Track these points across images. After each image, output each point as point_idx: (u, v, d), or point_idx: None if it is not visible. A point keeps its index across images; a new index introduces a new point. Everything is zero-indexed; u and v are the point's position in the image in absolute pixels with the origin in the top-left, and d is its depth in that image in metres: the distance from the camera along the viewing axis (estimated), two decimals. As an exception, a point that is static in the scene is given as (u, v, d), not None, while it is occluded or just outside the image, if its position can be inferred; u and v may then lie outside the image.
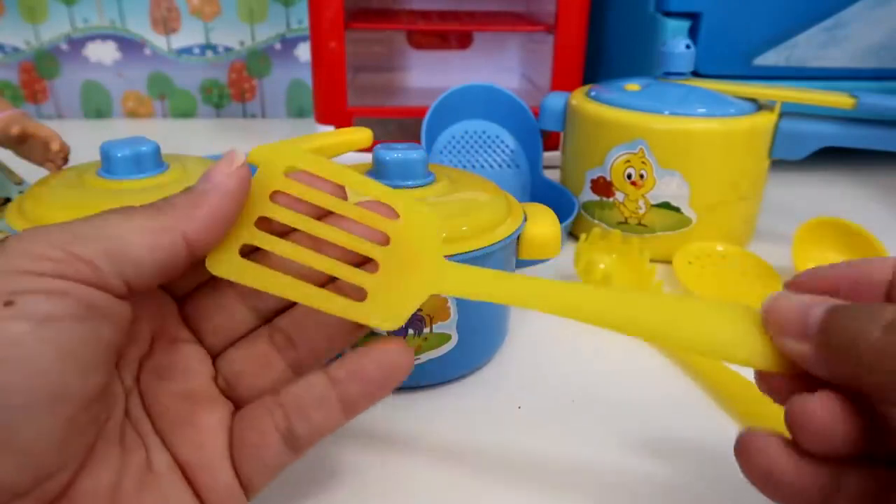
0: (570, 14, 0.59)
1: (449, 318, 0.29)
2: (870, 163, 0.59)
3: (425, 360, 0.29)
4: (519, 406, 0.29)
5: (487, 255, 0.28)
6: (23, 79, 0.76)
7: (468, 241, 0.27)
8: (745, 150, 0.42)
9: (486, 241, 0.28)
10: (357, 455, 0.26)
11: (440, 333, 0.29)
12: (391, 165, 0.30)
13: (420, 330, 0.28)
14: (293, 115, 0.81)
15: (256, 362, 0.22)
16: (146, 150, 0.30)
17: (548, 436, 0.28)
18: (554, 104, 0.48)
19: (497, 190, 0.32)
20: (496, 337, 0.33)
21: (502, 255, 0.30)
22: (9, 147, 0.41)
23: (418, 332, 0.28)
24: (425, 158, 0.30)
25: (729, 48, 0.55)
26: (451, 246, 0.27)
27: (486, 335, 0.32)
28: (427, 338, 0.29)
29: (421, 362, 0.29)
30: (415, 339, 0.28)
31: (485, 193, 0.31)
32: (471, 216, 0.28)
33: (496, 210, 0.29)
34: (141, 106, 0.78)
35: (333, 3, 0.56)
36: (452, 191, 0.30)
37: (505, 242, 0.29)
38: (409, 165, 0.30)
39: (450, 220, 0.28)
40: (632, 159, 0.42)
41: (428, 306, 0.28)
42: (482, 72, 0.75)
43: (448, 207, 0.29)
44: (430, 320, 0.28)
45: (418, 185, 0.30)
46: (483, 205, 0.30)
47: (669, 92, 0.43)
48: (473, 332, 0.30)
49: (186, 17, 0.75)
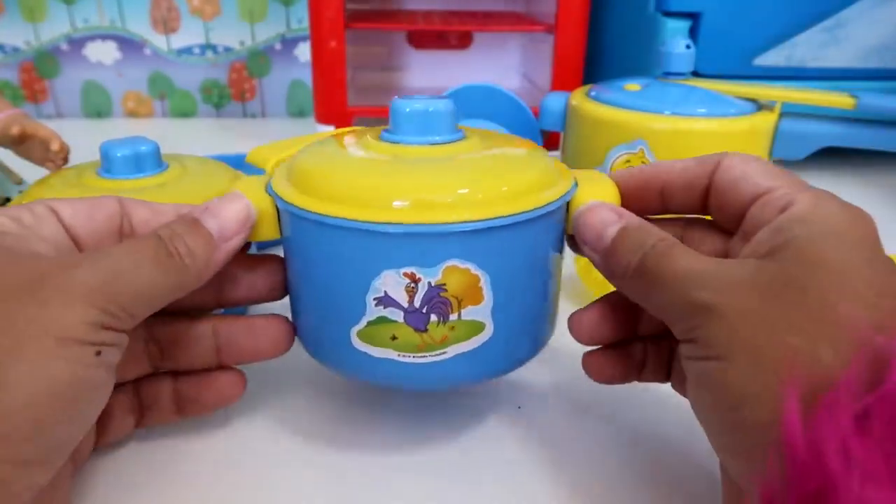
0: (570, 14, 0.59)
1: (482, 302, 0.23)
2: (870, 163, 0.59)
3: (452, 354, 0.23)
4: (519, 406, 0.29)
5: (532, 222, 0.22)
6: (23, 79, 0.76)
7: (509, 203, 0.22)
8: (745, 150, 0.42)
9: (532, 204, 0.22)
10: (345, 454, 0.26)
11: (471, 321, 0.23)
12: (412, 118, 0.24)
13: (445, 315, 0.23)
14: (293, 115, 0.81)
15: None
16: (146, 150, 0.30)
17: (548, 435, 0.28)
18: (554, 104, 0.48)
19: (539, 148, 0.26)
20: (542, 330, 0.26)
21: (551, 225, 0.24)
22: (9, 147, 0.41)
23: (443, 319, 0.23)
24: (453, 110, 0.25)
25: (729, 48, 0.55)
26: (488, 209, 0.21)
27: (529, 326, 0.25)
28: (454, 326, 0.23)
29: (447, 357, 0.23)
30: (439, 327, 0.23)
31: (525, 150, 0.25)
32: (511, 175, 0.23)
33: (541, 169, 0.24)
34: (141, 106, 0.78)
35: (333, 3, 0.56)
36: (486, 147, 0.25)
37: (554, 207, 0.23)
38: (433, 119, 0.24)
39: (485, 177, 0.22)
40: (632, 159, 0.42)
41: (456, 285, 0.22)
42: (482, 72, 0.75)
43: (482, 164, 0.24)
44: (459, 303, 0.23)
45: (444, 142, 0.24)
46: (525, 162, 0.24)
47: (669, 92, 0.43)
48: (514, 321, 0.24)
49: (186, 17, 0.75)
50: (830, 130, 0.42)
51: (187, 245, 0.21)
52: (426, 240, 0.21)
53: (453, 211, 0.21)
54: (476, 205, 0.21)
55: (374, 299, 0.22)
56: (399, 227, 0.21)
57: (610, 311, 0.25)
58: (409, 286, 0.22)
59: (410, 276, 0.22)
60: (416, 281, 0.22)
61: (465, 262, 0.22)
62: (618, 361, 0.25)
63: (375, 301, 0.22)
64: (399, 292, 0.22)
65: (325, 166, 0.23)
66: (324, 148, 0.25)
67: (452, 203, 0.21)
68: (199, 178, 0.31)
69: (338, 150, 0.25)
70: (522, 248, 0.23)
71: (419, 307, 0.22)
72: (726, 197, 0.23)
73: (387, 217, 0.21)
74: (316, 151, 0.25)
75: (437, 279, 0.22)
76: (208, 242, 0.21)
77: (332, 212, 0.21)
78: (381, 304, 0.22)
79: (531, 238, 0.23)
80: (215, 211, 0.22)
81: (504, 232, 0.22)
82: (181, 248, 0.21)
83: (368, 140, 0.25)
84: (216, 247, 0.22)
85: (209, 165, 0.33)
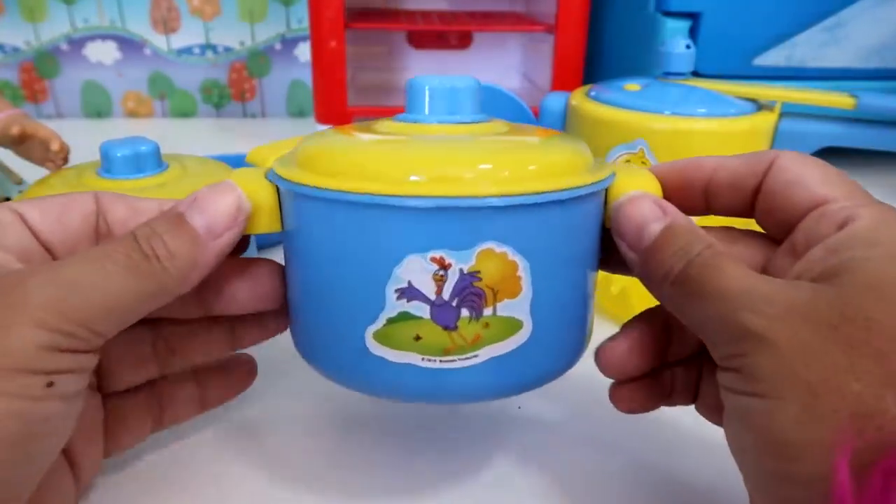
0: (570, 14, 0.59)
1: (520, 294, 0.20)
2: (870, 163, 0.59)
3: (485, 358, 0.20)
4: (519, 406, 0.29)
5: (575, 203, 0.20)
6: (23, 79, 0.76)
7: (552, 180, 0.19)
8: (746, 150, 0.41)
9: (574, 182, 0.19)
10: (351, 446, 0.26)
11: (507, 318, 0.20)
12: (432, 97, 0.22)
13: (479, 310, 0.19)
14: (293, 115, 0.81)
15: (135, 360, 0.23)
16: (146, 150, 0.30)
17: (548, 435, 0.28)
18: (554, 104, 0.48)
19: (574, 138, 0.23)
20: (581, 336, 0.23)
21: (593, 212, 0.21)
22: (9, 147, 0.41)
23: (476, 315, 0.19)
24: (476, 88, 0.23)
25: (729, 48, 0.55)
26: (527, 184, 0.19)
27: (569, 329, 0.22)
28: (489, 323, 0.19)
29: (478, 362, 0.20)
30: (471, 324, 0.19)
31: (560, 135, 0.23)
32: (541, 155, 0.20)
33: (579, 151, 0.21)
34: (141, 106, 0.78)
35: (333, 3, 0.56)
36: (514, 131, 0.23)
37: (597, 188, 0.20)
38: (455, 97, 0.22)
39: (521, 153, 0.20)
40: (632, 159, 0.42)
41: (491, 274, 0.19)
42: (482, 72, 0.75)
43: (515, 143, 0.21)
44: (494, 296, 0.19)
45: (469, 122, 0.22)
46: (558, 146, 0.21)
47: (669, 92, 0.43)
48: (553, 321, 0.21)
49: (186, 17, 0.75)
50: (830, 130, 0.42)
51: (167, 246, 0.18)
52: (458, 216, 0.18)
53: (489, 182, 0.18)
54: (513, 180, 0.19)
55: (395, 291, 0.19)
56: (427, 202, 0.18)
57: (640, 341, 0.22)
58: (438, 274, 0.19)
59: (439, 261, 0.19)
60: (446, 267, 0.19)
61: (501, 245, 0.19)
62: (647, 391, 0.23)
63: (398, 293, 0.19)
64: (426, 281, 0.19)
65: (336, 146, 0.21)
66: (330, 134, 0.22)
67: (487, 174, 0.19)
68: (199, 178, 0.31)
69: (346, 136, 0.22)
70: (563, 234, 0.20)
71: (448, 300, 0.19)
72: (776, 201, 0.20)
73: (412, 190, 0.18)
74: (322, 137, 0.22)
75: (471, 265, 0.19)
76: (194, 241, 0.19)
77: (347, 187, 0.19)
78: (403, 297, 0.19)
79: (573, 223, 0.20)
80: (203, 205, 0.19)
81: (544, 212, 0.19)
82: (160, 250, 0.18)
83: (379, 125, 0.23)
84: (203, 245, 0.19)
85: (209, 165, 0.33)
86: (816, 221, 0.19)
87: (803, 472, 0.15)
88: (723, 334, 0.17)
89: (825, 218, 0.18)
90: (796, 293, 0.17)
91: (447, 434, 0.28)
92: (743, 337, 0.16)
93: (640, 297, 0.39)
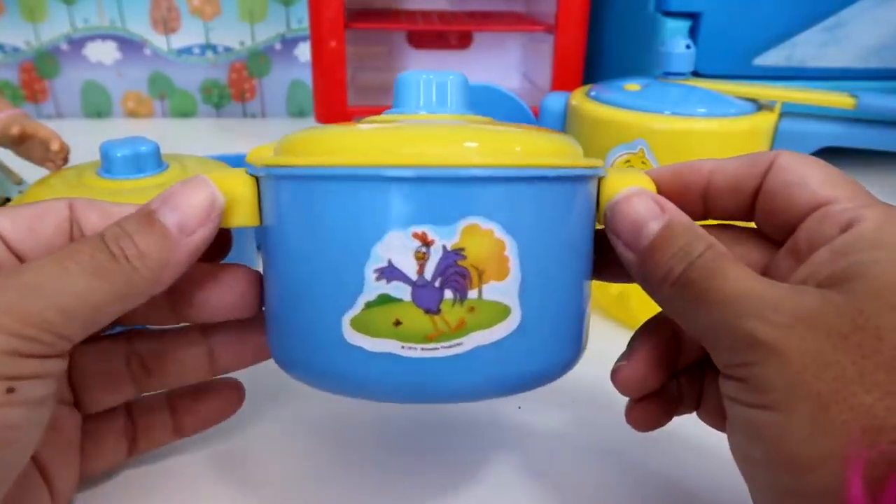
0: (570, 14, 0.59)
1: (507, 276, 0.18)
2: (870, 163, 0.59)
3: (471, 346, 0.18)
4: (519, 406, 0.29)
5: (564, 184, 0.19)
6: (23, 79, 0.76)
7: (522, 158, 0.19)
8: (745, 150, 0.41)
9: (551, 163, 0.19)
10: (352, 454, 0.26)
11: (494, 302, 0.18)
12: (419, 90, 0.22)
13: (463, 292, 0.18)
14: (293, 115, 0.81)
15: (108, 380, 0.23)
16: (146, 150, 0.30)
17: (548, 443, 0.28)
18: (554, 104, 0.48)
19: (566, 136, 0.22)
20: (577, 333, 0.21)
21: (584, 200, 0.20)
22: (9, 147, 0.41)
23: (460, 297, 0.18)
24: (464, 84, 0.22)
25: (729, 48, 0.55)
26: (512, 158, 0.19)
27: (563, 322, 0.20)
28: (474, 307, 0.18)
29: (464, 350, 0.18)
30: (455, 307, 0.18)
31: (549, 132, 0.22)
32: (528, 139, 0.20)
33: (568, 143, 0.21)
34: (141, 106, 0.78)
35: (333, 3, 0.56)
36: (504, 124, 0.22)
37: (587, 172, 0.20)
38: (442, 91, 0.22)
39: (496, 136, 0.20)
40: (632, 159, 0.42)
41: (476, 252, 0.18)
42: (482, 72, 0.75)
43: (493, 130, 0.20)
44: (480, 277, 0.18)
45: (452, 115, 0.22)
46: (547, 135, 0.21)
47: (669, 92, 0.43)
48: (545, 310, 0.19)
49: (186, 17, 0.75)
50: (830, 130, 0.42)
51: (138, 245, 0.18)
52: (441, 187, 0.18)
53: (474, 154, 0.18)
54: (498, 153, 0.18)
55: (375, 271, 0.18)
56: (409, 171, 0.17)
57: (654, 356, 0.22)
58: (420, 251, 0.18)
59: (421, 236, 0.18)
60: (429, 244, 0.18)
61: (487, 221, 0.18)
62: (659, 406, 0.22)
63: (377, 273, 0.18)
64: (407, 260, 0.18)
65: (317, 132, 0.20)
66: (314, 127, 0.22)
67: (473, 148, 0.18)
68: (199, 178, 0.31)
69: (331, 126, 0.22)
70: (553, 216, 0.19)
71: (431, 280, 0.18)
72: (777, 203, 0.19)
73: (393, 160, 0.18)
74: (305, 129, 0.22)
75: (455, 242, 0.18)
76: (164, 239, 0.18)
77: (325, 161, 0.18)
78: (383, 278, 0.18)
79: (563, 206, 0.19)
80: (174, 202, 0.19)
81: (532, 189, 0.19)
82: (130, 250, 0.18)
83: (367, 119, 0.22)
84: (176, 243, 0.18)
85: (209, 166, 0.33)
86: (819, 223, 0.18)
87: (814, 485, 0.15)
88: (727, 341, 0.17)
89: (828, 219, 0.18)
90: (804, 300, 0.16)
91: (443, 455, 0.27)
92: (749, 345, 0.16)
93: (640, 298, 0.39)
